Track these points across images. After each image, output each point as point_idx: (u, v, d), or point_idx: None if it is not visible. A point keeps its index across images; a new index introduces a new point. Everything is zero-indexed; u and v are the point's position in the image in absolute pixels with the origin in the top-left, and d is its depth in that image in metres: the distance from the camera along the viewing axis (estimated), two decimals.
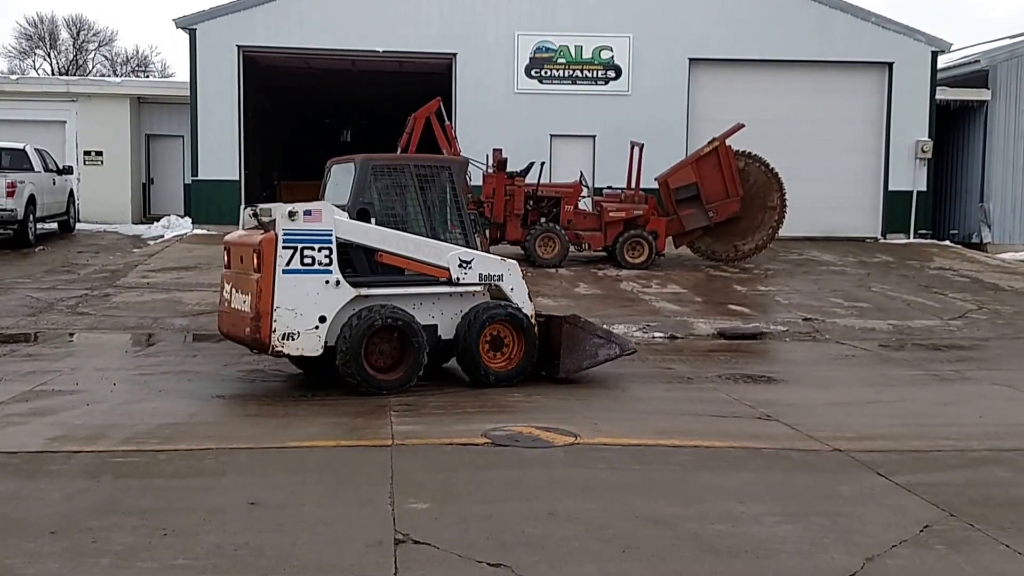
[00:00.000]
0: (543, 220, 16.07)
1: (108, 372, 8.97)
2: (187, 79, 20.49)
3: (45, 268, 15.28)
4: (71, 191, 19.61)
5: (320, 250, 7.55)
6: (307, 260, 7.52)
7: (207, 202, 20.06)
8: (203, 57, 19.88)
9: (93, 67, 47.91)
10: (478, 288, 8.25)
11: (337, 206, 7.95)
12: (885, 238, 20.55)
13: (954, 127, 21.65)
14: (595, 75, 20.28)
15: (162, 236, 19.38)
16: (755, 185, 16.19)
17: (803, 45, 20.21)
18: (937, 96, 20.63)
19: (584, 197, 16.64)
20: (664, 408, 7.83)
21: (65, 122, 21.86)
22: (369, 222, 8.03)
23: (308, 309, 7.56)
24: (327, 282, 7.60)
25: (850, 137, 20.72)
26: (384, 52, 20.27)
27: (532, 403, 7.82)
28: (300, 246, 7.52)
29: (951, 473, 6.00)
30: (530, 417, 7.24)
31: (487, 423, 6.99)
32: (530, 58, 20.19)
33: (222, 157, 20.04)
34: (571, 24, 20.10)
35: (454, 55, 20.17)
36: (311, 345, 7.63)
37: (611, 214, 16.07)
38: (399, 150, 16.35)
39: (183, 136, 21.88)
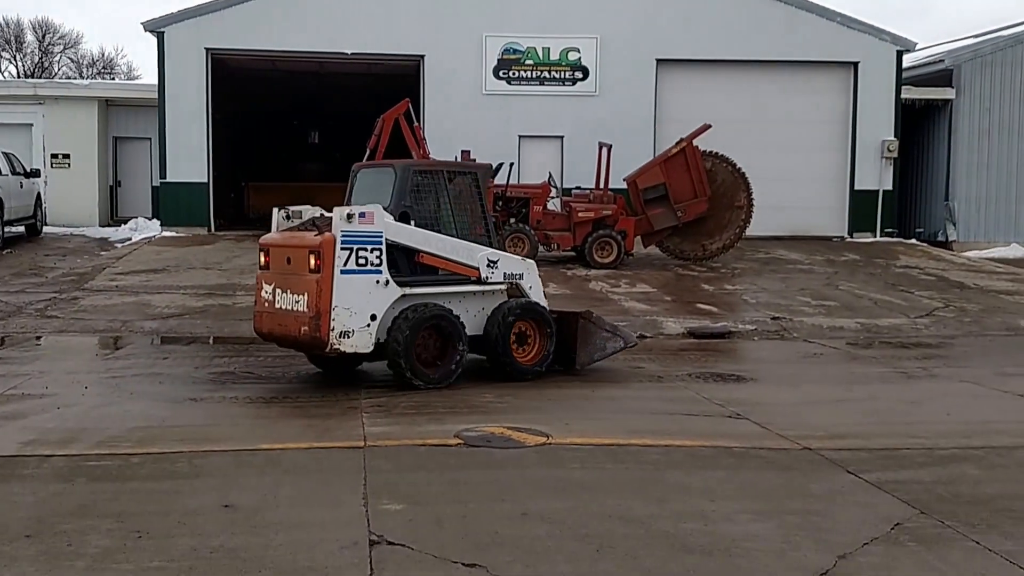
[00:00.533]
0: (512, 220, 16.06)
1: (78, 375, 8.84)
2: (155, 81, 20.21)
3: (12, 271, 14.99)
4: (38, 194, 19.29)
5: (372, 251, 7.86)
6: (361, 261, 7.82)
7: (175, 204, 19.79)
8: (171, 60, 19.62)
9: (59, 70, 47.18)
10: (502, 287, 8.71)
11: None
12: (852, 237, 20.79)
13: (919, 126, 21.95)
14: (563, 76, 20.30)
15: (130, 239, 19.11)
16: (722, 185, 16.31)
17: (769, 45, 20.36)
18: (902, 95, 20.90)
19: (553, 197, 16.66)
20: (635, 407, 7.83)
21: (32, 125, 21.53)
22: (409, 224, 8.32)
23: (362, 308, 7.84)
24: (377, 282, 7.92)
25: (816, 136, 20.92)
26: (352, 54, 20.13)
27: (504, 403, 7.79)
28: (355, 247, 7.80)
29: (920, 471, 6.05)
30: (502, 417, 7.21)
31: (459, 424, 6.95)
32: (498, 59, 20.15)
33: (190, 159, 19.79)
34: (538, 25, 20.09)
35: (422, 57, 20.08)
36: (364, 342, 7.91)
37: (580, 214, 16.09)
38: (367, 152, 16.25)
39: (151, 138, 21.58)
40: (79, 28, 71.93)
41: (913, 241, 20.92)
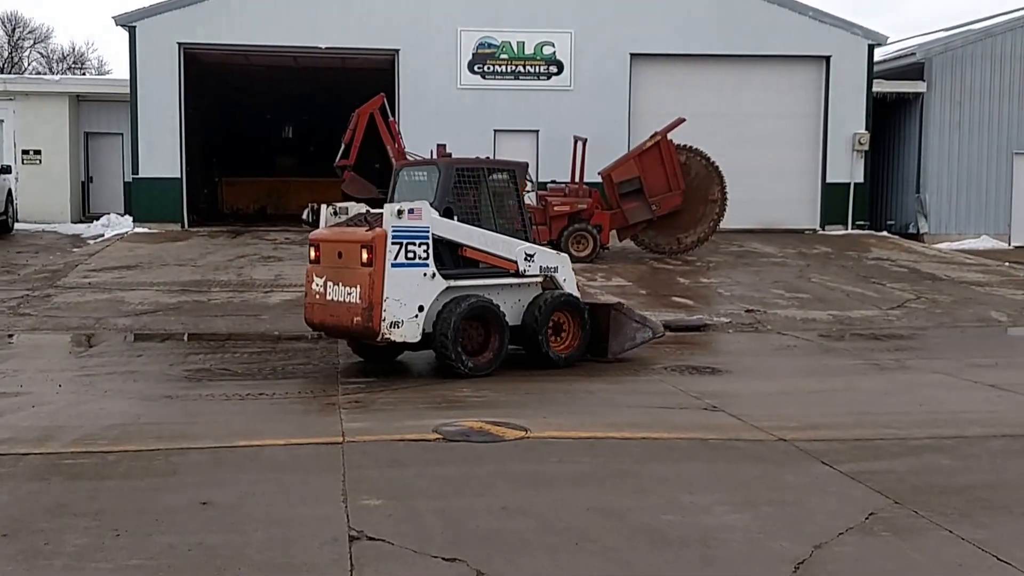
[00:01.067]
0: None
1: (52, 373, 8.71)
2: (126, 76, 19.92)
3: None
4: (9, 190, 18.96)
5: (420, 245, 8.25)
6: (410, 255, 8.21)
7: (148, 200, 19.54)
8: (143, 54, 19.33)
9: (29, 64, 46.34)
10: (538, 279, 9.07)
11: None
12: (824, 229, 20.98)
13: (890, 119, 22.18)
14: (538, 70, 20.27)
15: (102, 235, 18.86)
16: (696, 179, 16.38)
17: (742, 40, 20.45)
18: (874, 89, 21.09)
19: (528, 191, 16.60)
20: (612, 401, 7.85)
21: (2, 121, 21.18)
22: (452, 220, 8.65)
23: (410, 299, 8.21)
24: (425, 274, 8.29)
25: (789, 130, 21.07)
26: (326, 48, 19.97)
27: (482, 398, 7.77)
28: (405, 242, 8.18)
29: (894, 461, 6.12)
30: (480, 412, 7.19)
31: (438, 419, 6.92)
32: (473, 53, 20.07)
33: (162, 154, 19.54)
34: (513, 19, 20.04)
35: (396, 51, 19.95)
36: (412, 332, 8.26)
37: (556, 208, 16.09)
38: (343, 146, 16.14)
39: (123, 134, 21.28)
40: (49, 22, 70.77)
41: (885, 233, 21.15)
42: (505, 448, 6.27)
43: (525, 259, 8.90)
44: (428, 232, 8.28)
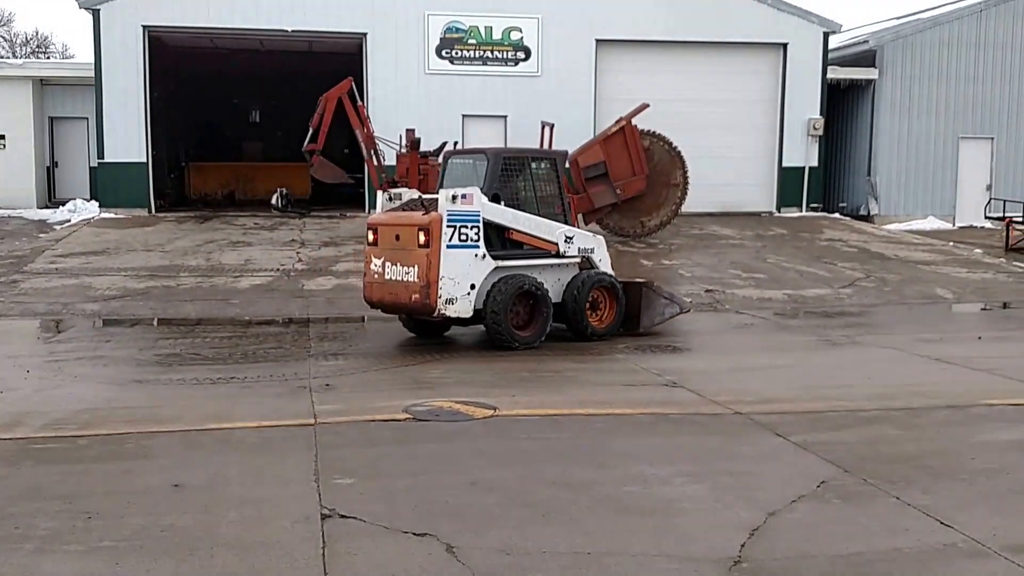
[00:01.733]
0: None
1: (20, 359, 8.58)
2: (91, 60, 19.44)
3: None
4: None
5: (471, 228, 8.84)
6: (463, 237, 8.80)
7: (114, 185, 19.16)
8: (107, 38, 18.88)
9: None
10: (577, 259, 9.55)
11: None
12: (779, 212, 21.28)
13: (844, 104, 22.51)
14: (505, 56, 20.21)
15: (69, 220, 18.48)
16: (659, 163, 16.51)
17: (704, 27, 20.58)
18: (828, 75, 21.38)
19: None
20: (578, 379, 7.96)
21: None
22: (499, 205, 9.08)
23: (463, 278, 8.82)
24: (476, 255, 8.89)
25: (747, 116, 21.28)
26: (293, 32, 19.68)
27: (451, 379, 7.84)
28: (458, 225, 8.77)
29: (844, 432, 6.30)
30: (450, 392, 7.26)
31: (408, 399, 6.97)
32: (440, 38, 19.94)
33: (128, 139, 19.15)
34: (480, 4, 19.91)
35: (364, 35, 19.73)
36: (465, 308, 8.85)
37: None
38: (311, 130, 15.98)
39: (87, 118, 20.80)
40: (11, 6, 68.60)
41: (837, 215, 21.52)
42: (474, 426, 6.34)
43: (565, 241, 9.37)
44: (479, 216, 8.83)
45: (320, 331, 10.18)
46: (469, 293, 8.80)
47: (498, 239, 9.14)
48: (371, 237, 9.34)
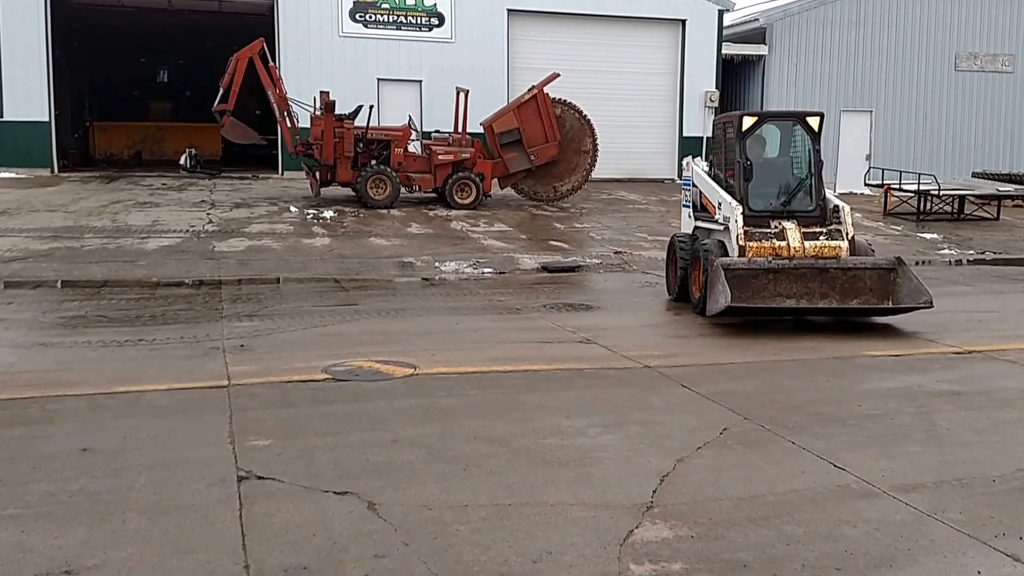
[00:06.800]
0: (374, 162, 15.58)
1: None
2: None
3: None
4: None
5: (688, 191, 10.00)
6: (685, 198, 10.10)
7: (14, 144, 17.80)
8: None
9: None
10: (721, 227, 9.18)
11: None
12: (680, 179, 21.66)
13: (737, 78, 23.01)
14: (419, 21, 19.67)
15: None
16: (571, 131, 16.48)
17: (611, 1, 20.58)
18: (723, 51, 21.78)
19: (413, 140, 16.26)
20: (496, 337, 7.87)
21: None
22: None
23: (685, 230, 10.00)
24: (688, 215, 9.99)
25: (651, 87, 21.52)
26: None
27: (371, 338, 7.61)
28: (685, 188, 10.11)
29: (743, 382, 6.45)
30: (369, 351, 7.04)
31: (326, 359, 6.72)
32: (354, 2, 19.22)
33: (29, 97, 17.80)
34: None
35: None
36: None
37: (440, 157, 15.83)
38: (221, 91, 15.19)
39: None
40: None
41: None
42: (395, 385, 6.17)
43: (718, 207, 9.15)
44: (690, 181, 9.83)
45: (233, 292, 9.72)
46: None
47: (699, 203, 9.70)
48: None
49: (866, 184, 21.51)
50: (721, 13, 21.64)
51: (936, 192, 17.52)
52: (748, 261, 8.36)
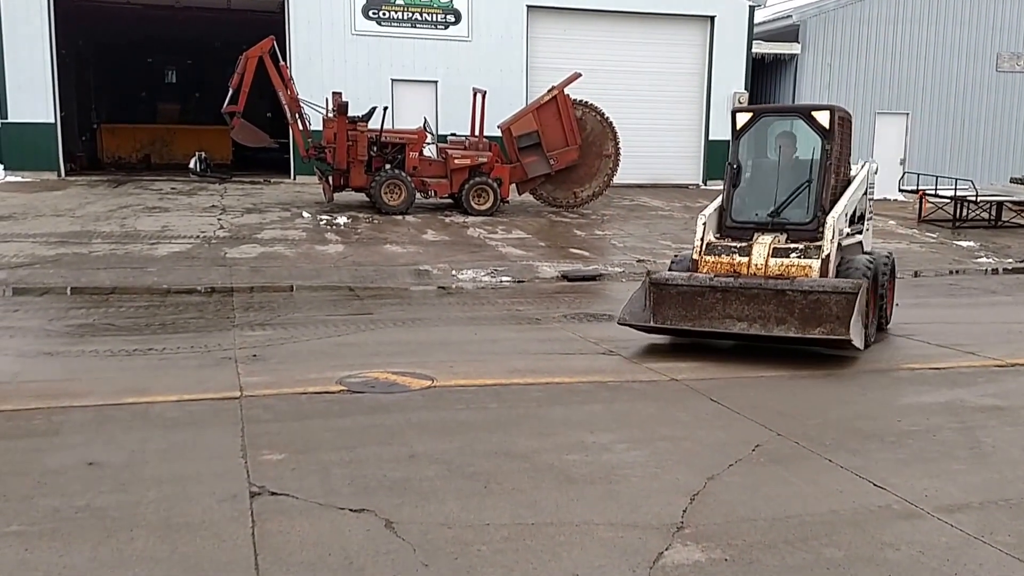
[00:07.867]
0: (388, 167, 15.62)
1: None
2: None
3: None
4: None
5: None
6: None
7: (19, 147, 18.06)
8: None
9: None
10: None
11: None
12: (706, 184, 21.58)
13: (767, 78, 22.90)
14: (435, 19, 19.74)
15: None
16: (592, 134, 16.46)
17: None
18: (753, 49, 21.67)
19: (428, 144, 16.31)
20: (515, 348, 7.85)
21: None
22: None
23: None
24: None
25: (676, 88, 21.44)
26: None
27: (385, 350, 7.62)
28: None
29: (774, 396, 6.38)
30: (385, 362, 7.05)
31: (341, 371, 6.73)
32: None
33: (34, 98, 18.04)
34: None
35: None
36: None
37: (456, 161, 15.85)
38: (231, 91, 15.32)
39: None
40: None
41: None
42: (412, 397, 6.16)
43: None
44: None
45: (245, 300, 9.78)
46: None
47: None
48: None
49: (900, 190, 21.31)
50: (752, 9, 21.51)
51: (973, 198, 17.33)
52: (688, 277, 7.67)
